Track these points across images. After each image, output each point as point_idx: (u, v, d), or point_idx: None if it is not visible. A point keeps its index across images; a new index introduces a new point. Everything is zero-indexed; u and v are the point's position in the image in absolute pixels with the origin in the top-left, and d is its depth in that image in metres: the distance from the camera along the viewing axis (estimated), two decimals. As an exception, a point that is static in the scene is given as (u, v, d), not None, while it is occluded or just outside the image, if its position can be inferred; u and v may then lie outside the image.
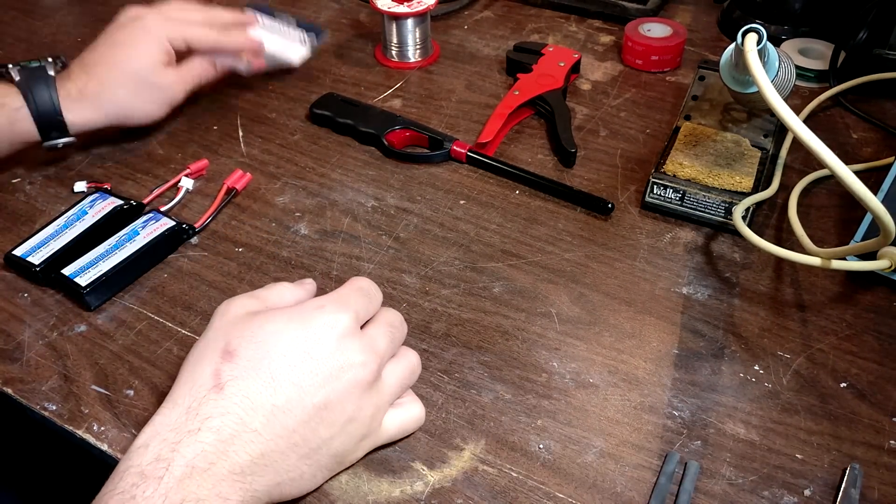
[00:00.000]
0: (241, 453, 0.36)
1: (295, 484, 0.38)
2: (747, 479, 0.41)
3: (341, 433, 0.39)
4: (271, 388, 0.37)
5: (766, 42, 0.48)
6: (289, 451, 0.37)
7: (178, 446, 0.35)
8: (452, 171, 0.63)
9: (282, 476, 0.37)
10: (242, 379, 0.37)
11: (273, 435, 0.37)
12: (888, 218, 0.41)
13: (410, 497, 0.41)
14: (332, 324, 0.40)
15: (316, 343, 0.39)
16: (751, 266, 0.54)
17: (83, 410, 0.45)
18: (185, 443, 0.35)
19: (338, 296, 0.42)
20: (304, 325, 0.39)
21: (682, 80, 0.73)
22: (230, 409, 0.36)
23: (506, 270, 0.54)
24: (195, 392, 0.37)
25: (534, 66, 0.70)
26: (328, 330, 0.39)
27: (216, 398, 0.36)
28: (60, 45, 0.80)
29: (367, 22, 0.84)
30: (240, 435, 0.36)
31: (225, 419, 0.36)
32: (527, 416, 0.45)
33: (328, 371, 0.38)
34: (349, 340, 0.40)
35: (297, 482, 0.38)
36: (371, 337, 0.41)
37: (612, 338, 0.49)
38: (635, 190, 0.60)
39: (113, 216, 0.56)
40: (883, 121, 0.66)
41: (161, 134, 0.67)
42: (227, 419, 0.36)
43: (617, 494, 0.41)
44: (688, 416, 0.44)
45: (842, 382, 0.46)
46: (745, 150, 0.58)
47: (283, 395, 0.37)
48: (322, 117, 0.67)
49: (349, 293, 0.43)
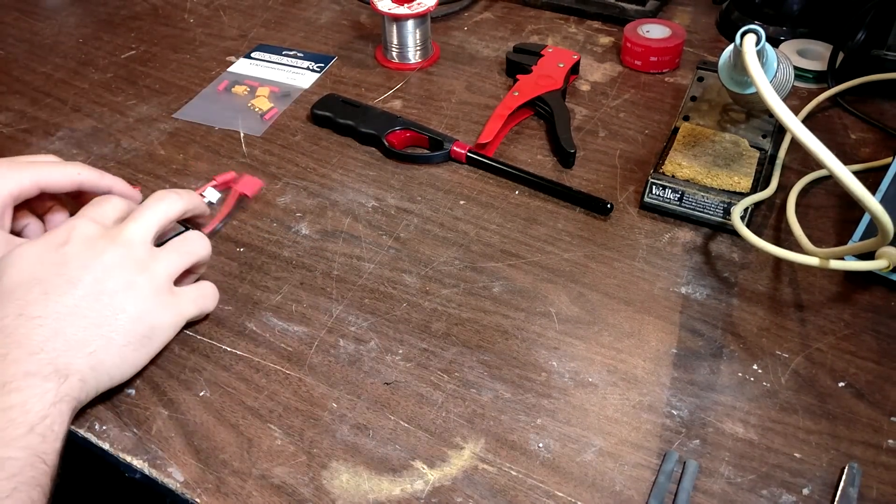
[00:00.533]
0: (31, 336, 0.39)
1: (111, 358, 0.42)
2: (746, 477, 0.42)
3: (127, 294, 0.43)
4: (39, 284, 0.42)
5: (764, 43, 0.48)
6: (84, 326, 0.41)
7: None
8: (452, 172, 0.63)
9: (92, 346, 0.41)
10: (9, 291, 0.41)
11: (57, 315, 0.41)
12: (886, 218, 0.42)
13: (411, 495, 0.41)
14: (69, 227, 0.45)
15: (62, 244, 0.44)
16: (749, 266, 0.54)
17: (84, 410, 0.45)
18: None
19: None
20: (47, 237, 0.45)
21: (681, 81, 0.73)
22: (6, 313, 0.40)
23: (505, 270, 0.54)
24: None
25: (533, 68, 0.71)
26: (68, 232, 0.45)
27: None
28: (62, 46, 0.80)
29: (368, 23, 0.84)
30: (23, 324, 0.40)
31: (3, 322, 0.40)
32: (526, 415, 0.45)
33: (83, 256, 0.43)
34: (90, 230, 0.45)
35: (112, 356, 0.42)
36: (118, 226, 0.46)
37: (611, 337, 0.49)
38: (634, 190, 0.60)
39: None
40: (881, 121, 0.66)
41: (162, 135, 0.67)
42: (4, 321, 0.40)
43: (616, 493, 0.41)
44: (686, 415, 0.45)
45: (840, 382, 0.46)
46: (744, 150, 0.58)
47: (51, 284, 0.42)
48: (323, 118, 0.67)
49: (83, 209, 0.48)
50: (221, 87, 0.74)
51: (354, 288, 0.53)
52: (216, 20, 0.85)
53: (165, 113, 0.70)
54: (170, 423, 0.44)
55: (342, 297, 0.52)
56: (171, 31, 0.83)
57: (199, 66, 0.77)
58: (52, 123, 0.69)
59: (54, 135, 0.68)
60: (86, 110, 0.71)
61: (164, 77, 0.75)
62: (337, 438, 0.44)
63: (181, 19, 0.85)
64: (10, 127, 0.69)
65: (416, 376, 0.47)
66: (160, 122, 0.69)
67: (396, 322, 0.50)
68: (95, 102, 0.72)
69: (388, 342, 0.49)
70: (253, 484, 0.41)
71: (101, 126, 0.69)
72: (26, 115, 0.70)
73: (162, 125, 0.69)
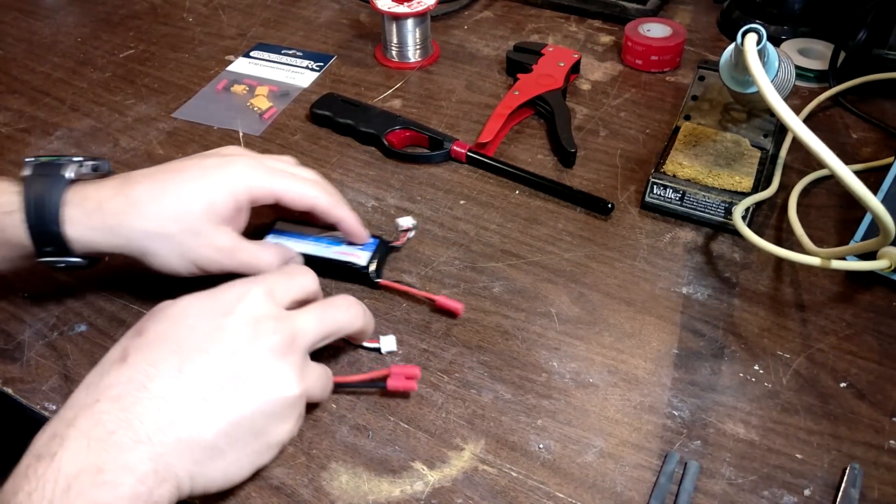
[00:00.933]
0: (145, 420, 0.34)
1: (218, 466, 0.36)
2: (747, 478, 0.41)
3: (260, 408, 0.37)
4: (177, 355, 0.36)
5: (765, 42, 0.48)
6: (202, 424, 0.35)
7: (74, 421, 0.34)
8: (452, 172, 0.63)
9: (198, 453, 0.35)
10: (147, 349, 0.36)
11: (181, 402, 0.35)
12: (888, 218, 0.41)
13: (410, 497, 0.41)
14: (240, 296, 0.39)
15: (224, 313, 0.38)
16: (750, 266, 0.54)
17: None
18: (81, 416, 0.34)
19: (254, 276, 0.42)
20: (213, 299, 0.39)
21: (682, 81, 0.73)
22: (132, 378, 0.35)
23: (506, 270, 0.54)
24: (99, 369, 0.37)
25: (534, 67, 0.70)
26: (236, 301, 0.39)
27: (119, 369, 0.36)
28: (60, 45, 0.80)
29: (368, 22, 0.84)
30: (142, 401, 0.34)
31: (126, 387, 0.35)
32: (527, 416, 0.45)
33: (238, 339, 0.38)
34: (260, 309, 0.39)
35: (220, 464, 0.36)
36: (290, 311, 0.41)
37: (611, 337, 0.49)
38: (635, 190, 0.60)
39: None
40: (882, 121, 0.66)
41: (161, 134, 0.67)
42: (127, 387, 0.35)
43: (617, 494, 0.41)
44: (687, 415, 0.45)
45: (841, 382, 0.46)
46: (745, 150, 0.58)
47: (190, 361, 0.36)
48: (322, 117, 0.67)
49: (268, 274, 0.43)
50: (220, 87, 0.74)
51: (354, 288, 0.53)
52: (215, 19, 0.85)
53: (164, 112, 0.70)
54: (169, 424, 0.44)
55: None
56: (170, 30, 0.83)
57: (197, 66, 0.77)
58: (51, 123, 0.69)
59: (53, 134, 0.67)
60: (84, 109, 0.71)
61: (162, 76, 0.75)
62: (336, 439, 0.44)
63: (180, 18, 0.85)
64: (9, 126, 0.69)
65: (415, 377, 0.47)
66: (159, 122, 0.69)
67: (396, 322, 0.50)
68: (94, 102, 0.72)
69: (387, 342, 0.49)
70: (252, 485, 0.41)
71: (99, 125, 0.68)
72: (25, 114, 0.70)
73: (161, 124, 0.69)
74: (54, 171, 0.45)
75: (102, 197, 0.45)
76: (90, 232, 0.44)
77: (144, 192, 0.45)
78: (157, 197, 0.45)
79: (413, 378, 0.45)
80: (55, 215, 0.44)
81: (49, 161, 0.46)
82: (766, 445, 0.43)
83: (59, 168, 0.45)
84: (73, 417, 0.34)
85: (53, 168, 0.45)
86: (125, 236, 0.45)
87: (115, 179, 0.46)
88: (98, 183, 0.46)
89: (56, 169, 0.45)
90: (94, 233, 0.44)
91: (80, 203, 0.44)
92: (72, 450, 0.32)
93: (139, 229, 0.45)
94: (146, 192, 0.45)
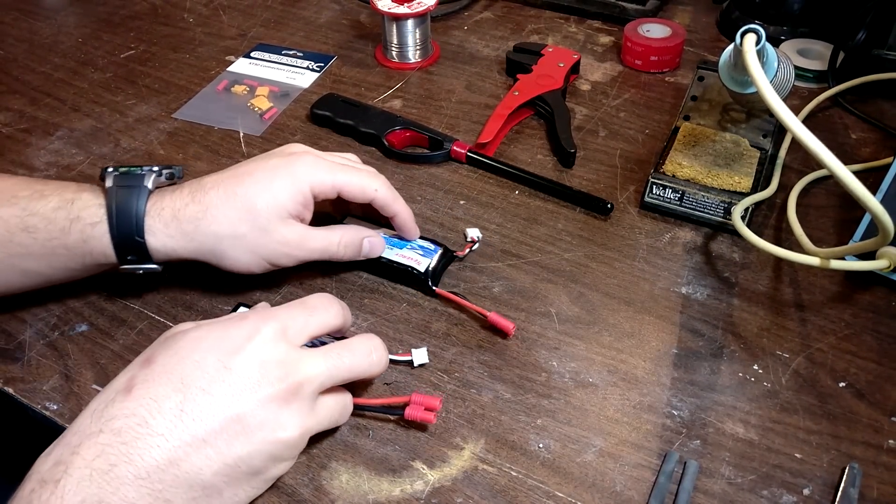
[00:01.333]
0: (145, 457, 0.34)
1: (214, 503, 0.37)
2: (746, 478, 0.42)
3: (260, 451, 0.37)
4: (180, 393, 0.36)
5: (764, 42, 0.48)
6: (201, 464, 0.36)
7: (78, 448, 0.34)
8: (452, 172, 0.63)
9: (197, 492, 0.36)
10: (152, 383, 0.36)
11: (181, 442, 0.35)
12: (887, 218, 0.41)
13: (411, 496, 0.41)
14: (250, 334, 0.39)
15: (232, 352, 0.38)
16: (750, 266, 0.54)
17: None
18: (85, 445, 0.34)
19: (272, 309, 0.41)
20: (223, 334, 0.39)
21: (682, 81, 0.73)
22: (135, 412, 0.35)
23: (505, 270, 0.54)
24: (105, 396, 0.37)
25: (533, 67, 0.71)
26: (245, 340, 0.38)
27: (122, 400, 0.36)
28: (61, 46, 0.80)
29: (368, 23, 0.84)
30: (143, 437, 0.35)
31: (128, 420, 0.35)
32: (526, 416, 0.45)
33: (243, 382, 0.37)
34: (269, 351, 0.38)
35: (217, 501, 0.37)
36: (301, 352, 0.39)
37: (611, 337, 0.49)
38: (634, 190, 0.60)
39: None
40: (881, 121, 0.66)
41: (162, 135, 0.67)
42: (129, 420, 0.35)
43: (616, 493, 0.41)
44: (687, 415, 0.45)
45: (840, 382, 0.46)
46: (744, 150, 0.58)
47: (192, 401, 0.36)
48: (322, 118, 0.67)
49: (286, 306, 0.42)
50: (221, 87, 0.74)
51: (354, 288, 0.53)
52: (215, 19, 0.85)
53: (165, 112, 0.70)
54: (169, 424, 0.44)
55: (342, 297, 0.51)
56: (171, 30, 0.83)
57: (198, 66, 0.77)
58: (52, 123, 0.69)
59: (53, 134, 0.68)
60: (85, 110, 0.71)
61: (163, 77, 0.75)
62: (336, 438, 0.44)
63: (180, 19, 0.85)
64: (10, 126, 0.69)
65: (415, 376, 0.47)
66: (159, 122, 0.69)
67: (396, 322, 0.50)
68: (95, 102, 0.72)
69: (387, 342, 0.49)
70: (252, 484, 0.41)
71: (100, 126, 0.69)
72: (25, 114, 0.70)
73: (161, 125, 0.69)
74: (136, 182, 0.47)
75: (177, 206, 0.47)
76: (168, 240, 0.46)
77: (216, 198, 0.47)
78: (227, 200, 0.46)
79: (432, 410, 0.43)
80: (139, 227, 0.46)
81: (129, 171, 0.47)
82: (766, 445, 0.43)
83: (139, 179, 0.47)
84: (78, 445, 0.34)
85: (134, 179, 0.47)
86: (199, 241, 0.46)
87: (188, 186, 0.48)
88: (173, 191, 0.48)
89: (137, 180, 0.47)
90: (171, 240, 0.46)
91: (157, 213, 0.46)
92: (75, 478, 0.33)
93: (212, 233, 0.46)
94: (217, 197, 0.47)
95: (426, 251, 0.52)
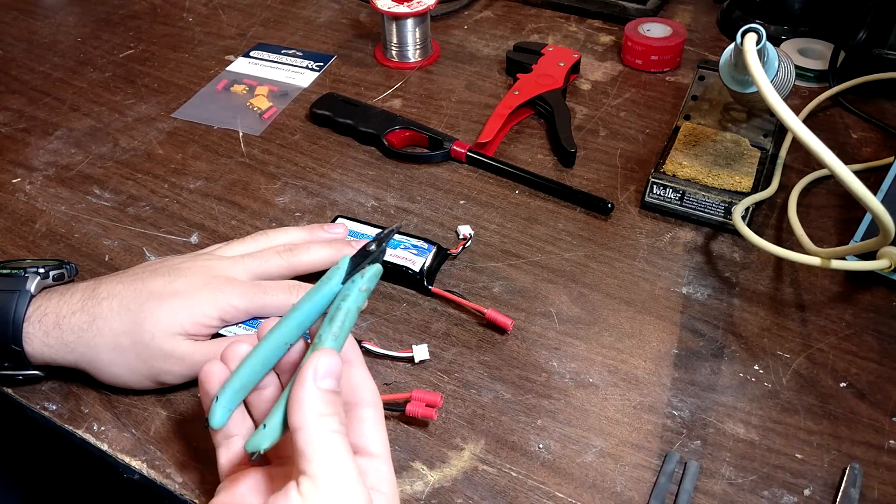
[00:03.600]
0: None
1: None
2: (747, 478, 0.41)
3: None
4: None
5: (765, 42, 0.48)
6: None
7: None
8: (452, 171, 0.63)
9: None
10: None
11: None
12: (888, 218, 0.41)
13: (410, 497, 0.41)
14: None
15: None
16: (750, 266, 0.54)
17: (83, 410, 0.45)
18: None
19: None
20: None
21: (682, 80, 0.73)
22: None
23: (506, 270, 0.54)
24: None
25: (533, 66, 0.70)
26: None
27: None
28: (60, 45, 0.80)
29: (367, 22, 0.84)
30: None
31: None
32: (526, 416, 0.45)
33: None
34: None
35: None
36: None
37: (611, 337, 0.49)
38: (635, 190, 0.60)
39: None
40: (882, 121, 0.66)
41: (161, 134, 0.67)
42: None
43: (617, 494, 0.41)
44: (687, 415, 0.45)
45: (841, 382, 0.46)
46: (745, 149, 0.58)
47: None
48: (322, 117, 0.67)
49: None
50: (220, 87, 0.74)
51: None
52: (215, 19, 0.85)
53: (164, 112, 0.70)
54: (168, 424, 0.44)
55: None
56: (170, 29, 0.83)
57: (197, 65, 0.77)
58: (51, 123, 0.69)
59: (52, 134, 0.67)
60: (84, 109, 0.71)
61: (162, 76, 0.75)
62: (336, 439, 0.43)
63: (180, 18, 0.85)
64: (9, 126, 0.69)
65: (415, 377, 0.47)
66: (159, 122, 0.69)
67: (396, 322, 0.50)
68: (94, 101, 0.72)
69: (387, 342, 0.49)
70: (252, 485, 0.41)
71: (99, 125, 0.68)
72: (24, 114, 0.70)
73: (160, 124, 0.69)
74: (17, 286, 0.43)
75: (63, 313, 0.43)
76: (46, 349, 0.43)
77: (107, 310, 0.43)
78: (118, 313, 0.43)
79: (433, 406, 0.43)
80: (16, 335, 0.42)
81: (10, 273, 0.44)
82: (766, 445, 0.43)
83: (21, 282, 0.44)
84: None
85: (16, 282, 0.44)
86: (79, 353, 0.43)
87: (80, 291, 0.45)
88: (62, 293, 0.44)
89: (19, 283, 0.44)
90: (49, 350, 0.43)
91: (38, 319, 0.43)
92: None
93: (92, 346, 0.43)
94: (108, 309, 0.43)
95: (420, 250, 0.52)
